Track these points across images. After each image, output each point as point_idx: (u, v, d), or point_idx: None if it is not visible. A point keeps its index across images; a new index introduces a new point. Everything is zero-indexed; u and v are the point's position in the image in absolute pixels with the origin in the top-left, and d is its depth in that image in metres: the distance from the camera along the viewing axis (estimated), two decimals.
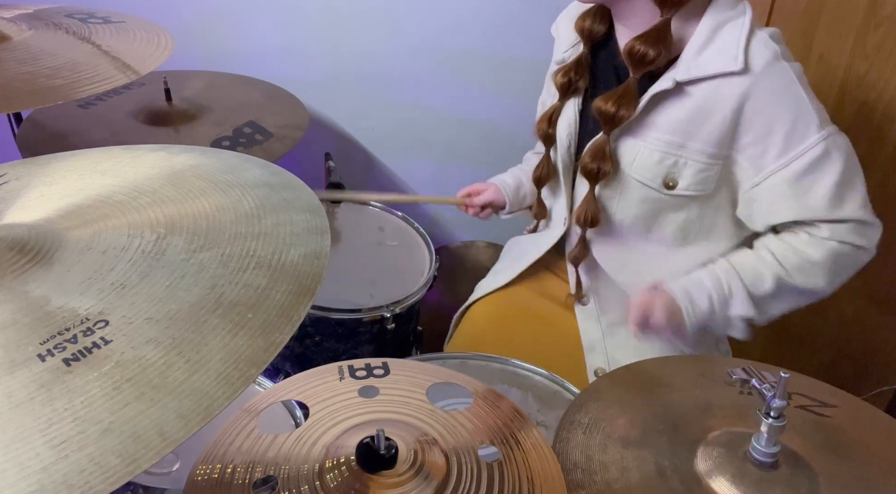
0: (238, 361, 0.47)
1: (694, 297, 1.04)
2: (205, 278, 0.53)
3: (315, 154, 1.71)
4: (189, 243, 0.57)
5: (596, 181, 1.08)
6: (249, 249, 0.57)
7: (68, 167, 0.69)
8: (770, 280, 1.02)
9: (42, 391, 0.44)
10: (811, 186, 0.98)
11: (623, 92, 1.02)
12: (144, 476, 0.88)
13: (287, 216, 0.62)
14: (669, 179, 1.03)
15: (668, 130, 1.01)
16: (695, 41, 0.98)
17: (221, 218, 0.60)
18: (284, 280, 0.54)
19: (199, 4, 1.67)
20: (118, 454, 0.41)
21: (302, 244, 0.58)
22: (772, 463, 0.71)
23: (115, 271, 0.53)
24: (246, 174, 0.68)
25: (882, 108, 1.37)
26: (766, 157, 0.98)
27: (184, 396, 0.44)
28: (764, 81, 0.94)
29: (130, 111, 1.45)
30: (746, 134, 0.97)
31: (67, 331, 0.48)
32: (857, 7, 1.31)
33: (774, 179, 0.98)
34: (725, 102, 0.96)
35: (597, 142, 1.06)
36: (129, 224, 0.58)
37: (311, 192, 0.67)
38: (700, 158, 1.01)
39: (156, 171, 0.68)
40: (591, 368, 1.15)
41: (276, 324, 0.50)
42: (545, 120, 1.16)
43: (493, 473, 0.69)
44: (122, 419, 0.43)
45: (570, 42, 1.14)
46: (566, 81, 1.12)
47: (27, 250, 0.54)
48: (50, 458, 0.40)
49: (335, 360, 0.84)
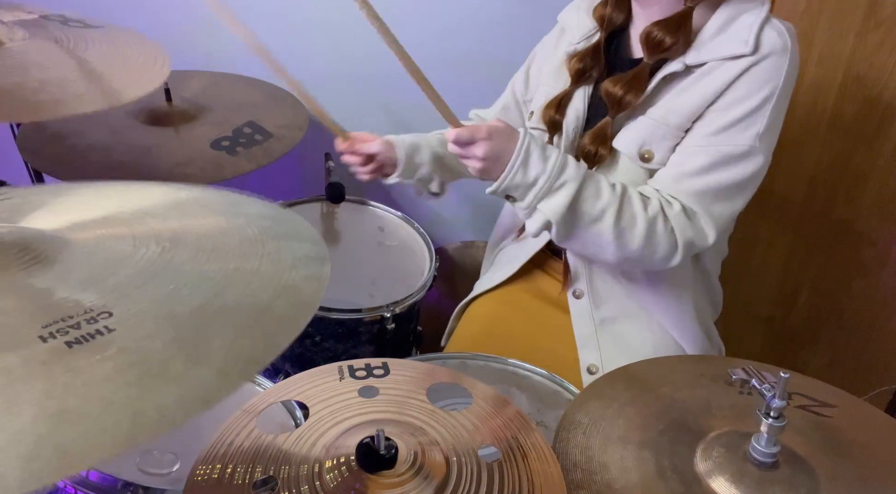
0: (238, 359, 0.48)
1: (529, 162, 0.96)
2: (209, 287, 0.54)
3: (315, 154, 1.71)
4: (194, 256, 0.58)
5: (592, 164, 1.08)
6: (253, 267, 0.58)
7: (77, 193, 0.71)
8: (601, 206, 0.97)
9: (42, 368, 0.44)
10: (705, 173, 0.99)
11: (633, 76, 1.02)
12: (144, 476, 0.88)
13: (289, 244, 0.63)
14: (645, 151, 1.03)
15: (663, 107, 1.02)
16: (709, 28, 0.99)
17: (226, 240, 0.61)
18: (286, 295, 0.55)
19: (200, 5, 1.67)
20: (115, 429, 0.42)
21: (303, 268, 0.60)
22: (772, 463, 0.71)
23: (119, 275, 0.54)
24: (249, 208, 0.70)
25: (882, 108, 1.37)
26: (703, 130, 0.99)
27: (183, 385, 0.45)
28: (762, 62, 0.95)
29: (130, 111, 1.44)
30: (717, 103, 0.98)
31: (71, 318, 0.48)
32: (857, 7, 1.31)
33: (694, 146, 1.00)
34: (720, 78, 0.97)
35: (600, 125, 1.06)
36: (134, 235, 0.59)
37: (311, 228, 0.68)
38: (675, 132, 1.01)
39: (160, 199, 0.69)
40: (583, 364, 1.15)
41: (278, 330, 0.52)
42: (553, 106, 1.14)
43: (493, 473, 0.69)
44: (121, 399, 0.43)
45: (586, 32, 1.14)
46: (581, 67, 1.11)
47: (33, 250, 0.55)
48: (45, 427, 0.41)
49: (335, 360, 0.84)
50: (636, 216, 0.98)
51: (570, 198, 0.96)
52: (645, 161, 1.04)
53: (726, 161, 0.98)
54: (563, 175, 0.96)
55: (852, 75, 1.37)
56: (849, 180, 1.45)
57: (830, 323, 1.61)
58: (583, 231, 0.99)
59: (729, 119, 0.97)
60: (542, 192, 0.97)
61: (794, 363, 1.56)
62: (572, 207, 0.97)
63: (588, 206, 0.98)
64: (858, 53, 1.34)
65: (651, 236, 0.99)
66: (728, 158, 0.98)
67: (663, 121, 1.02)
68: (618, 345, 1.15)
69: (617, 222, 0.98)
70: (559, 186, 0.96)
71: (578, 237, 1.01)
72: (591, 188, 0.98)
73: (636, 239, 0.99)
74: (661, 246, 1.00)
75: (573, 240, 1.02)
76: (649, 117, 1.03)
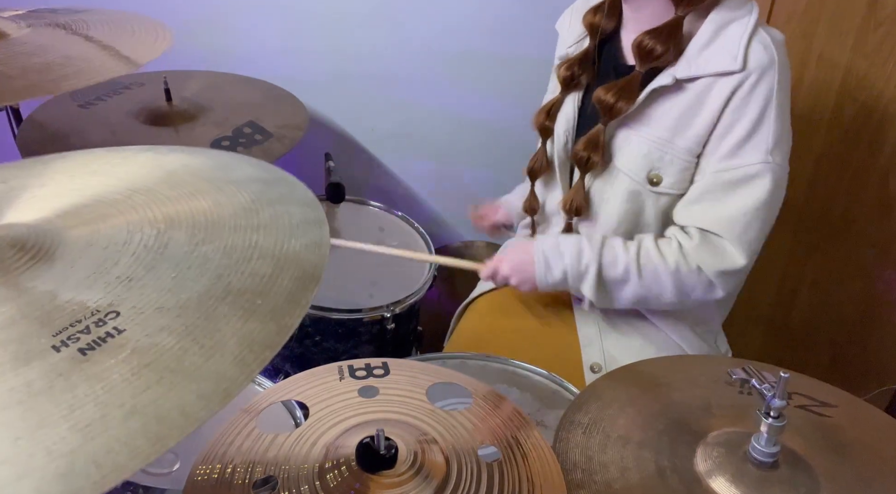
0: (252, 344, 0.48)
1: (551, 264, 1.07)
2: (210, 268, 0.53)
3: (315, 154, 1.71)
4: (190, 236, 0.57)
5: (585, 170, 1.08)
6: (251, 240, 0.57)
7: (58, 169, 0.69)
8: (622, 270, 1.04)
9: (61, 380, 0.44)
10: (724, 198, 1.00)
11: (625, 84, 1.02)
12: (144, 476, 0.88)
13: (284, 209, 0.62)
14: (654, 175, 1.03)
15: (660, 125, 1.02)
16: (698, 39, 0.99)
17: (220, 212, 0.60)
18: (289, 268, 0.55)
19: (199, 4, 1.67)
20: (143, 434, 0.41)
21: (302, 235, 0.59)
22: (772, 463, 0.71)
23: (120, 266, 0.53)
24: (237, 172, 0.68)
25: (882, 108, 1.37)
26: (713, 156, 0.99)
27: (202, 379, 0.45)
28: (749, 79, 0.95)
29: (130, 111, 1.44)
30: (718, 128, 0.98)
31: (79, 322, 0.48)
32: (857, 7, 1.31)
33: (705, 181, 1.01)
34: (716, 100, 0.97)
35: (592, 132, 1.06)
36: (127, 221, 0.58)
37: (304, 186, 0.67)
38: (684, 156, 1.01)
39: (147, 170, 0.68)
40: (587, 364, 1.15)
41: (285, 309, 0.51)
42: (544, 112, 1.16)
43: (493, 473, 0.69)
44: (143, 402, 0.43)
45: (576, 37, 1.15)
46: (569, 74, 1.12)
47: (28, 248, 0.54)
48: (76, 441, 0.41)
49: (335, 360, 0.84)
50: (658, 271, 1.03)
51: (595, 274, 1.05)
52: (653, 185, 1.04)
53: (743, 183, 0.98)
54: (583, 258, 1.06)
55: (852, 75, 1.36)
56: (849, 180, 1.45)
57: (830, 323, 1.61)
58: (620, 298, 1.08)
59: (734, 141, 0.97)
60: (574, 278, 1.07)
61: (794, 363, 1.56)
62: (600, 281, 1.06)
63: (612, 274, 1.06)
64: (858, 53, 1.34)
65: (680, 285, 1.03)
66: (744, 180, 0.98)
67: (669, 144, 1.02)
68: (622, 345, 1.15)
69: (641, 280, 1.04)
70: (584, 269, 1.06)
71: (623, 303, 1.08)
72: (609, 257, 1.05)
73: (667, 292, 1.04)
74: (695, 289, 1.03)
75: (619, 305, 1.09)
76: (649, 139, 1.03)
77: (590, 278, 1.05)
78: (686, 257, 1.02)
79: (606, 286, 1.06)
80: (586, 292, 1.07)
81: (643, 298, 1.06)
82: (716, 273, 1.01)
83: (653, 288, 1.04)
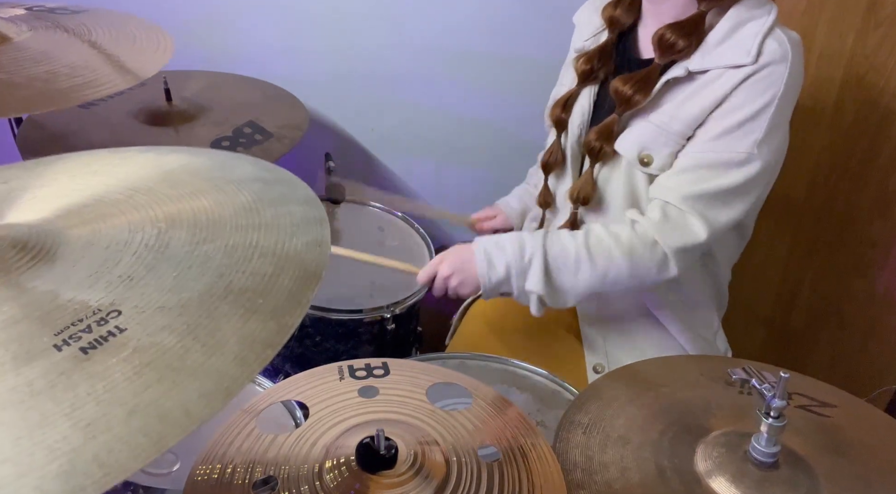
0: (253, 343, 0.48)
1: (493, 260, 1.04)
2: (211, 267, 0.54)
3: (315, 154, 1.71)
4: (191, 236, 0.57)
5: (596, 160, 1.08)
6: (252, 239, 0.57)
7: (59, 170, 0.69)
8: (573, 258, 1.02)
9: (62, 379, 0.44)
10: (699, 177, 0.99)
11: (644, 76, 1.02)
12: (144, 476, 0.88)
13: (285, 208, 0.62)
14: (645, 156, 1.03)
15: (664, 111, 1.02)
16: (716, 34, 0.99)
17: (221, 212, 0.60)
18: (290, 267, 0.55)
19: (199, 4, 1.67)
20: (145, 433, 0.41)
21: (303, 234, 0.59)
22: (772, 463, 0.71)
23: (121, 265, 0.53)
24: (237, 171, 0.68)
25: (882, 108, 1.37)
26: (701, 138, 0.99)
27: (204, 377, 0.45)
28: (759, 72, 0.95)
29: (130, 111, 1.45)
30: (717, 111, 0.98)
31: (80, 322, 0.48)
32: (857, 7, 1.31)
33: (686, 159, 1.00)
34: (721, 88, 0.97)
35: (606, 121, 1.06)
36: (128, 221, 0.59)
37: (305, 185, 0.67)
38: (677, 138, 1.02)
39: (147, 170, 0.68)
40: (590, 364, 1.15)
41: (286, 308, 0.51)
42: (560, 105, 1.15)
43: (493, 473, 0.69)
44: (145, 401, 0.43)
45: (593, 30, 1.15)
46: (588, 68, 1.12)
47: (29, 248, 0.54)
48: (78, 440, 0.41)
49: (335, 360, 0.84)
50: (611, 252, 1.01)
51: (542, 265, 1.02)
52: (644, 165, 1.04)
53: (723, 167, 0.98)
54: (525, 251, 1.03)
55: (852, 75, 1.37)
56: (849, 180, 1.45)
57: (830, 323, 1.61)
58: (572, 288, 1.04)
59: (727, 126, 0.97)
60: (519, 274, 1.03)
61: (794, 363, 1.56)
62: (547, 272, 1.02)
63: (560, 263, 1.02)
64: (858, 53, 1.34)
65: (635, 264, 1.01)
66: (725, 164, 0.98)
67: (665, 127, 1.02)
68: (624, 345, 1.15)
69: (593, 265, 1.02)
70: (528, 262, 1.02)
71: (576, 293, 1.05)
72: (555, 247, 1.02)
73: (623, 273, 1.02)
74: (650, 267, 1.02)
75: (572, 297, 1.05)
76: (651, 122, 1.03)
77: (535, 271, 1.02)
78: (641, 234, 1.01)
79: (555, 278, 1.03)
80: (533, 286, 1.03)
81: (597, 285, 1.03)
82: (674, 250, 1.00)
83: (608, 272, 1.02)
